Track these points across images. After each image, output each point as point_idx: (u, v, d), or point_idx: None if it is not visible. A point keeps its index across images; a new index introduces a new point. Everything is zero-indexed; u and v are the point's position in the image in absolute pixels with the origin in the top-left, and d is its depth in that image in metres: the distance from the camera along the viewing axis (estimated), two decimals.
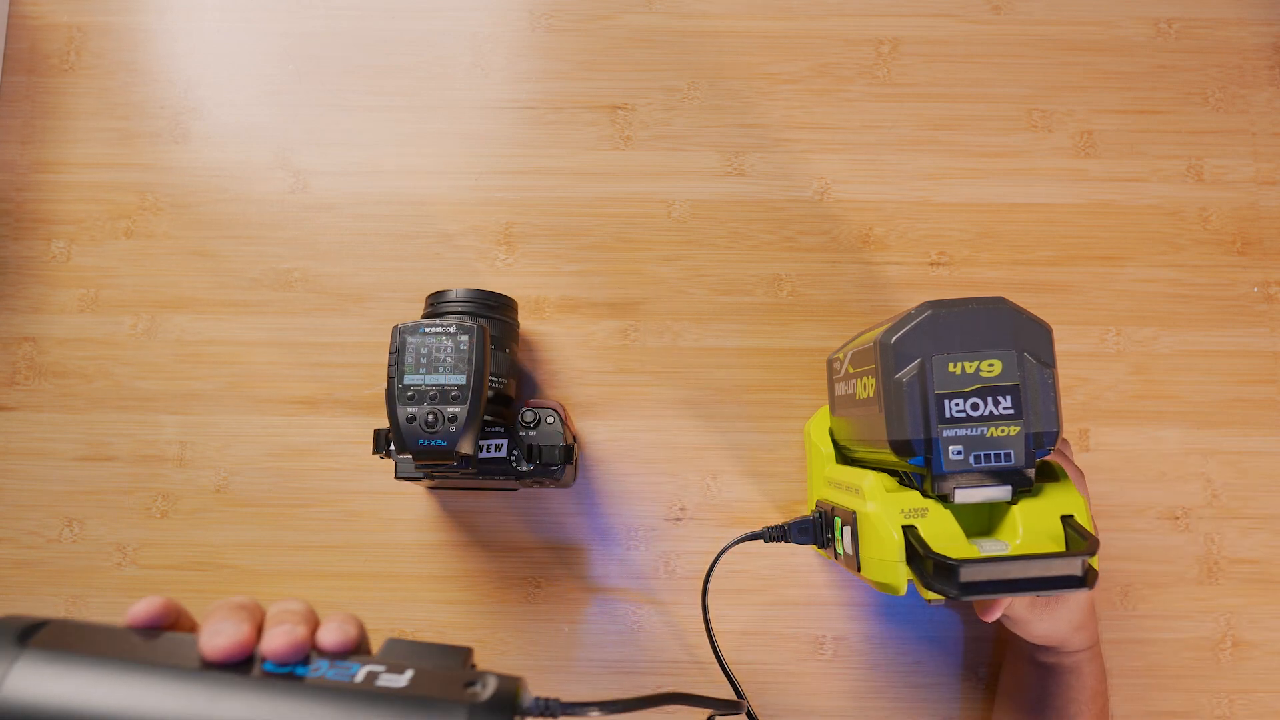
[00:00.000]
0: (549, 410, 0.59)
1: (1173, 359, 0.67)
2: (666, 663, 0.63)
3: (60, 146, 0.70)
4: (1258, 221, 0.69)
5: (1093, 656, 0.56)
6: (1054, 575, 0.44)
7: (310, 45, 0.71)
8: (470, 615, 0.64)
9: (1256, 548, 0.65)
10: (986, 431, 0.45)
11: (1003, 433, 0.45)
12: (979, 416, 0.45)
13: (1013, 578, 0.44)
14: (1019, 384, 0.45)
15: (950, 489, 0.46)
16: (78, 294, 0.68)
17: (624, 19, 0.72)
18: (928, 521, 0.47)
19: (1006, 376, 0.45)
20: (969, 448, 0.45)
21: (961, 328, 0.46)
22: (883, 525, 0.47)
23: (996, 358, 0.45)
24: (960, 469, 0.45)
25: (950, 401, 0.45)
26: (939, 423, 0.45)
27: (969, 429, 0.45)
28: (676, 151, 0.70)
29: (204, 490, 0.66)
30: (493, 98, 0.71)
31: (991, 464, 0.45)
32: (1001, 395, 0.45)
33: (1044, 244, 0.69)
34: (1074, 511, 0.46)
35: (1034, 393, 0.45)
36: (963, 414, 0.45)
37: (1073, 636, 0.55)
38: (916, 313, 0.46)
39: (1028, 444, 0.45)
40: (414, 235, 0.69)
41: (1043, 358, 0.46)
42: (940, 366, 0.45)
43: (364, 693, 0.28)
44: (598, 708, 0.31)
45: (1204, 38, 0.71)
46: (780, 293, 0.68)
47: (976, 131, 0.70)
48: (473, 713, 0.28)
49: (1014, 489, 0.46)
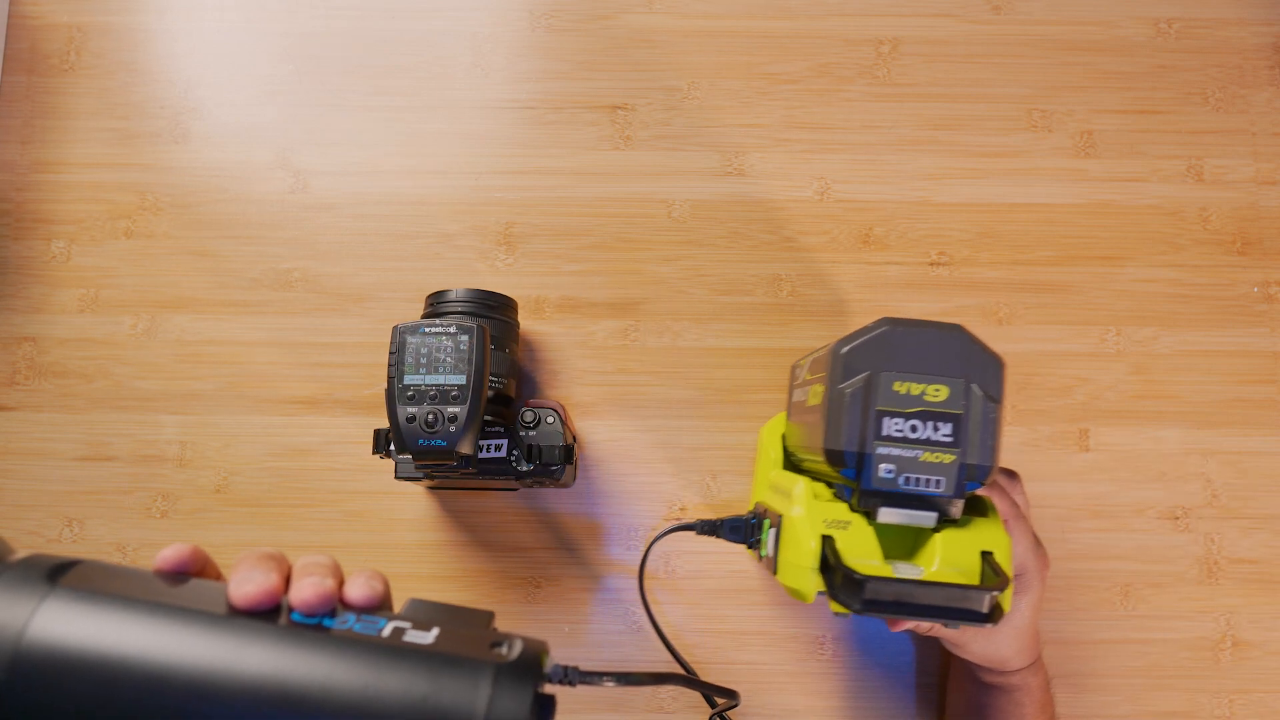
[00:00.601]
0: (549, 410, 0.59)
1: (1173, 359, 0.67)
2: (667, 662, 0.63)
3: (60, 146, 0.70)
4: (1258, 221, 0.69)
5: (1036, 671, 0.56)
6: (958, 607, 0.44)
7: (310, 45, 0.71)
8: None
9: (1256, 548, 0.65)
10: (921, 455, 0.45)
11: (937, 459, 0.45)
12: (916, 439, 0.45)
13: (917, 602, 0.44)
14: (962, 413, 0.45)
15: (875, 506, 0.46)
16: (78, 294, 0.68)
17: (624, 19, 0.72)
18: (848, 535, 0.46)
19: (951, 404, 0.45)
20: (900, 468, 0.45)
21: (914, 349, 0.45)
22: (803, 531, 0.47)
23: (944, 384, 0.45)
24: (887, 488, 0.44)
25: (890, 419, 0.45)
26: (875, 439, 0.45)
27: (904, 450, 0.44)
28: (676, 151, 0.70)
29: (204, 490, 0.66)
30: (493, 98, 0.71)
31: (919, 488, 0.45)
32: (942, 422, 0.45)
33: (1044, 244, 0.69)
34: (994, 549, 0.46)
35: (975, 425, 0.45)
36: (900, 434, 0.45)
37: (1014, 657, 0.54)
38: (873, 327, 0.46)
39: (960, 474, 0.44)
40: (414, 235, 0.69)
41: (991, 391, 0.45)
42: (886, 383, 0.45)
43: (391, 648, 0.28)
44: (613, 678, 0.31)
45: (1204, 38, 0.71)
46: (780, 293, 0.68)
47: (976, 131, 0.70)
48: (500, 672, 0.28)
49: (939, 517, 0.46)
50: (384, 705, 0.27)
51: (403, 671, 0.27)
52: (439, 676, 0.27)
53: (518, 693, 0.27)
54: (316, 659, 0.27)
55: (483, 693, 0.27)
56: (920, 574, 0.46)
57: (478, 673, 0.27)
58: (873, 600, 0.43)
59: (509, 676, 0.28)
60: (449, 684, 0.27)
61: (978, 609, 0.44)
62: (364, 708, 0.27)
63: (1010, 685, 0.55)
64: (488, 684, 0.27)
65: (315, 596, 0.29)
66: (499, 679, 0.27)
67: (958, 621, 0.44)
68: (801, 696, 0.63)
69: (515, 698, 0.27)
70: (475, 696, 0.27)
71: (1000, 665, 0.55)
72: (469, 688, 0.27)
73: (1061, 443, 0.66)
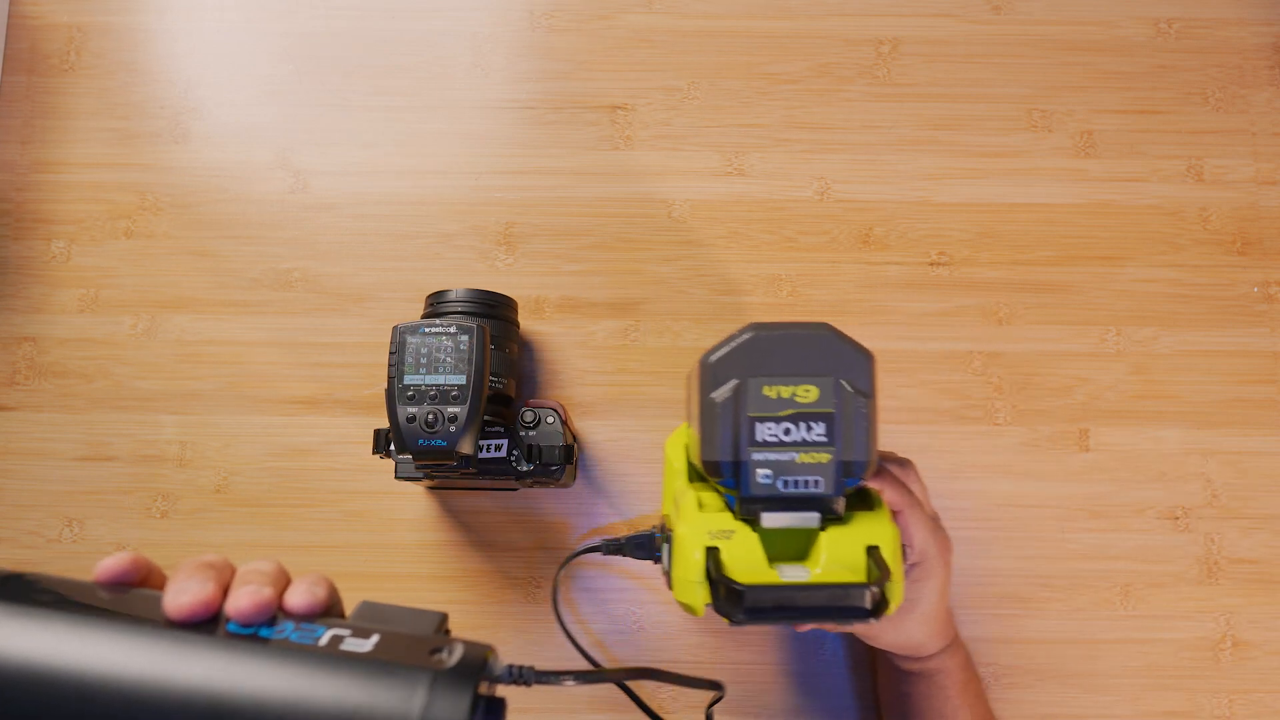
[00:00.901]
0: (549, 410, 0.59)
1: (1173, 359, 0.67)
2: (667, 663, 0.63)
3: (60, 146, 0.70)
4: (1258, 221, 0.69)
5: (953, 653, 0.56)
6: (840, 606, 0.44)
7: (310, 45, 0.71)
8: (470, 615, 0.64)
9: (1256, 548, 0.65)
10: (797, 457, 0.45)
11: (813, 459, 0.45)
12: (790, 442, 0.45)
13: (799, 605, 0.44)
14: (834, 411, 0.45)
15: (757, 512, 0.46)
16: (78, 294, 0.68)
17: (624, 19, 0.72)
18: (732, 544, 0.46)
19: (821, 403, 0.45)
20: (778, 472, 0.45)
21: (781, 351, 0.45)
22: (686, 545, 0.47)
23: (813, 384, 0.45)
24: (767, 493, 0.44)
25: (762, 425, 0.45)
26: (749, 445, 0.45)
27: (779, 454, 0.44)
28: (676, 151, 0.70)
29: (204, 490, 0.66)
30: (493, 98, 0.71)
31: (799, 490, 0.45)
32: (815, 422, 0.45)
33: (1044, 244, 0.69)
34: (881, 542, 0.46)
35: (848, 421, 0.45)
36: (774, 438, 0.45)
37: (927, 642, 0.54)
38: (739, 334, 0.46)
39: (838, 472, 0.44)
40: (414, 235, 0.69)
41: (861, 387, 0.45)
42: (755, 389, 0.45)
43: (326, 656, 0.28)
44: (573, 676, 0.30)
45: (1204, 38, 0.71)
46: (780, 293, 0.68)
47: (976, 131, 0.70)
48: (436, 680, 0.27)
49: (822, 516, 0.46)
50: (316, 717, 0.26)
51: (337, 681, 0.27)
52: (373, 685, 0.27)
53: (454, 700, 0.27)
54: (248, 670, 0.27)
55: (417, 701, 0.27)
56: (807, 576, 0.46)
57: (413, 680, 0.27)
58: (754, 609, 0.43)
59: (446, 683, 0.27)
60: (383, 693, 0.27)
61: (860, 605, 0.44)
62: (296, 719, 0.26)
63: (928, 670, 0.56)
64: (423, 692, 0.27)
65: (251, 606, 0.29)
66: (435, 686, 0.27)
67: (842, 620, 0.44)
68: (801, 696, 0.63)
69: (452, 705, 0.27)
70: (410, 705, 0.27)
71: (915, 651, 0.55)
72: (404, 696, 0.27)
73: (1061, 443, 0.66)
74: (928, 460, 0.66)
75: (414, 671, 0.27)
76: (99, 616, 0.28)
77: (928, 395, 0.67)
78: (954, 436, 0.66)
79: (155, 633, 0.28)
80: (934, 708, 0.56)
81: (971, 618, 0.64)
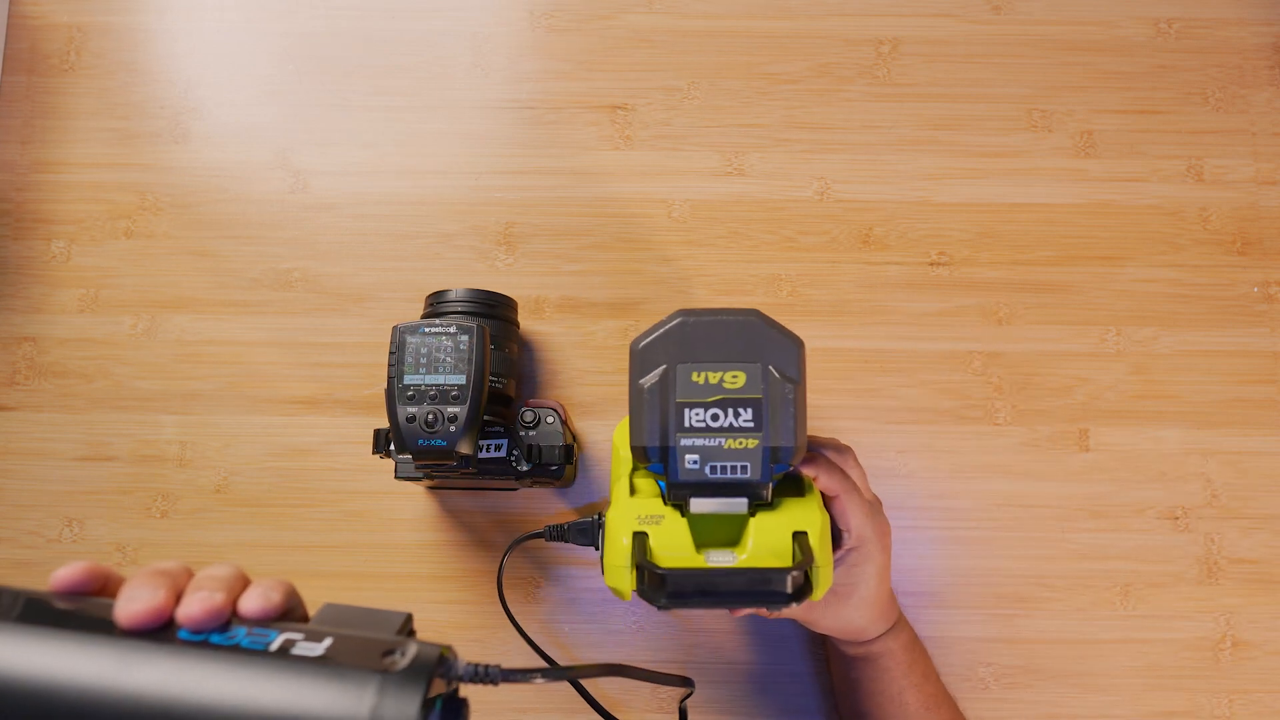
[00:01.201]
0: (549, 410, 0.59)
1: (1173, 359, 0.67)
2: (667, 662, 0.63)
3: (60, 146, 0.70)
4: (1258, 221, 0.69)
5: (896, 635, 0.56)
6: (762, 590, 0.44)
7: (310, 45, 0.71)
8: (470, 615, 0.64)
9: (1256, 548, 0.65)
10: (724, 443, 0.45)
11: (740, 445, 0.45)
12: (718, 428, 0.45)
13: (721, 590, 0.44)
14: (761, 397, 0.45)
15: (685, 497, 0.46)
16: (78, 294, 0.68)
17: (624, 19, 0.72)
18: (660, 529, 0.46)
19: (749, 389, 0.45)
20: (705, 458, 0.45)
21: (709, 338, 0.46)
22: (614, 530, 0.47)
23: (740, 369, 0.45)
24: (695, 479, 0.44)
25: (691, 410, 0.45)
26: (678, 431, 0.45)
27: (707, 439, 0.44)
28: (676, 151, 0.70)
29: (204, 490, 0.66)
30: (493, 98, 0.71)
31: (726, 475, 0.45)
32: (742, 408, 0.45)
33: (1044, 244, 0.69)
34: (808, 528, 0.46)
35: (776, 407, 0.45)
36: (702, 424, 0.45)
37: (868, 626, 0.55)
38: (667, 320, 0.46)
39: (765, 458, 0.44)
40: (414, 235, 0.69)
41: (789, 373, 0.45)
42: (684, 375, 0.45)
43: (276, 661, 0.27)
44: (541, 674, 0.30)
45: (1204, 38, 0.71)
46: (780, 293, 0.68)
47: (976, 131, 0.70)
48: (385, 682, 0.27)
49: (750, 502, 0.46)
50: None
51: (285, 686, 0.27)
52: (321, 690, 0.27)
53: (403, 701, 0.26)
54: (196, 677, 0.27)
55: (366, 704, 0.26)
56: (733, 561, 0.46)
57: (362, 683, 0.27)
58: (676, 593, 0.44)
59: (395, 685, 0.27)
60: (332, 697, 0.26)
61: (781, 590, 0.44)
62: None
63: (872, 654, 0.56)
64: (371, 694, 0.26)
65: (201, 613, 0.29)
66: (384, 688, 0.27)
67: (764, 604, 0.44)
68: (801, 696, 0.63)
69: (401, 706, 0.26)
70: (359, 708, 0.26)
71: (857, 635, 0.55)
72: (353, 700, 0.26)
73: (1061, 443, 0.66)
74: (928, 460, 0.66)
75: (363, 674, 0.27)
76: (49, 625, 0.28)
77: (928, 395, 0.67)
78: (954, 436, 0.66)
79: (105, 641, 0.28)
80: (880, 690, 0.56)
81: (971, 618, 0.64)
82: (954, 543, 0.65)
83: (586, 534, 0.55)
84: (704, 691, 0.63)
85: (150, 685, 0.27)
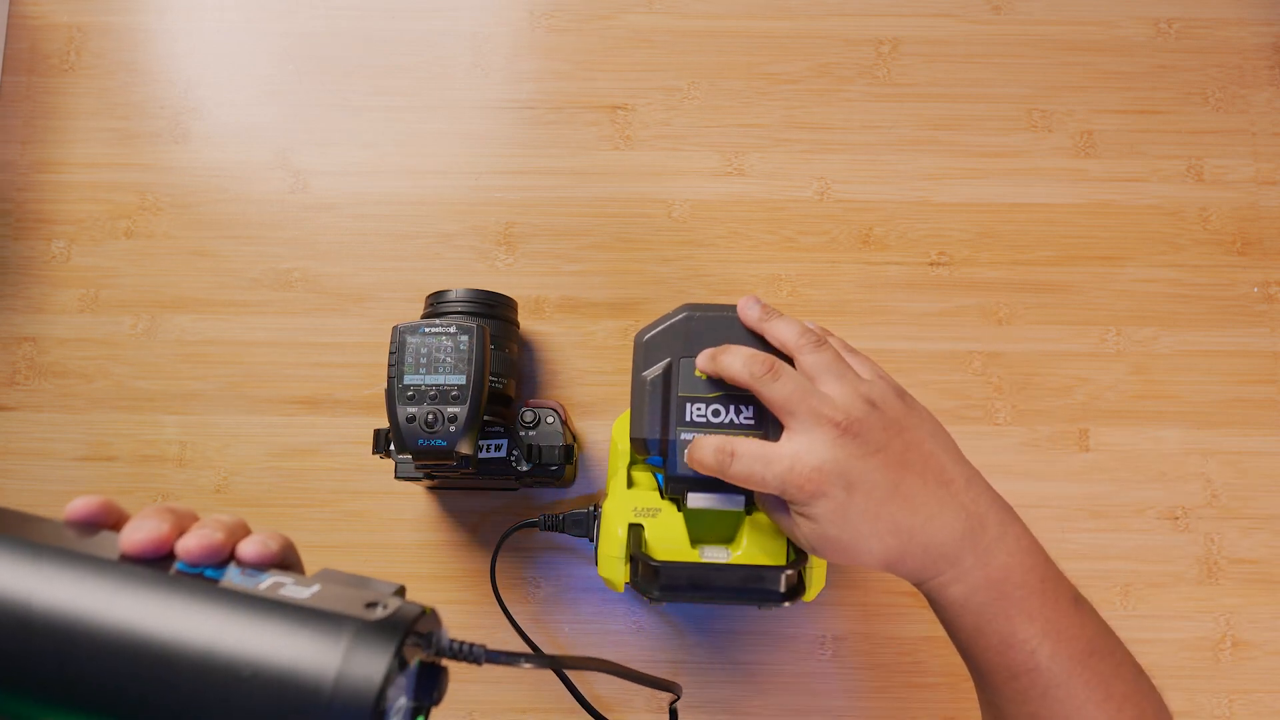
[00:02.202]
0: (549, 410, 0.59)
1: (1173, 359, 0.67)
2: (667, 663, 0.63)
3: (60, 146, 0.70)
4: (1258, 221, 0.69)
5: (962, 576, 0.41)
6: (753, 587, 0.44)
7: (310, 45, 0.71)
8: (470, 615, 0.64)
9: (1256, 548, 0.65)
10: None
11: None
12: (719, 423, 0.45)
13: (714, 585, 0.44)
14: None
15: (683, 492, 0.46)
16: (78, 294, 0.68)
17: (624, 19, 0.72)
18: (656, 523, 0.47)
19: None
20: None
21: (714, 333, 0.46)
22: (610, 521, 0.47)
23: None
24: (693, 473, 0.44)
25: (692, 405, 0.45)
26: (678, 425, 0.45)
27: (707, 434, 0.45)
28: (676, 151, 0.70)
29: (204, 490, 0.66)
30: (493, 98, 0.71)
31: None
32: (744, 404, 0.45)
33: (1044, 244, 0.69)
34: None
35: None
36: (703, 419, 0.45)
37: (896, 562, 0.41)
38: (673, 314, 0.47)
39: None
40: (414, 235, 0.69)
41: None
42: (687, 369, 0.46)
43: (261, 599, 0.28)
44: (526, 659, 0.30)
45: (1204, 38, 0.71)
46: (780, 293, 0.68)
47: (976, 131, 0.70)
48: (361, 630, 0.27)
49: (747, 499, 0.46)
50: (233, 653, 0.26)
51: (264, 622, 0.27)
52: (299, 630, 0.27)
53: (378, 648, 0.26)
54: (180, 603, 0.28)
55: (340, 646, 0.26)
56: (727, 557, 0.46)
57: (338, 628, 0.27)
58: (669, 586, 0.44)
59: (372, 632, 0.27)
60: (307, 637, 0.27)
61: (774, 589, 0.44)
62: (212, 655, 0.26)
63: (935, 602, 0.43)
64: (348, 638, 0.26)
65: (198, 547, 0.30)
66: (360, 634, 0.27)
67: (756, 602, 0.45)
68: (801, 696, 0.63)
69: (374, 655, 0.26)
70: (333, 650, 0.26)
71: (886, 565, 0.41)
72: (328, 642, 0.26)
73: (1061, 443, 0.66)
74: None
75: (341, 620, 0.27)
76: (52, 547, 0.29)
77: (928, 395, 0.67)
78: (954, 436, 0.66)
79: (101, 564, 0.29)
80: (960, 643, 0.43)
81: None
82: None
83: (582, 525, 0.56)
84: (703, 692, 0.63)
85: (138, 608, 0.27)
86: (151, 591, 0.28)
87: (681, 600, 0.45)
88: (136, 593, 0.28)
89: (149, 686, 0.26)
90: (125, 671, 0.27)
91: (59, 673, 0.27)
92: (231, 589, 0.28)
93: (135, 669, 0.27)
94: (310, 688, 0.26)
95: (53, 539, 0.30)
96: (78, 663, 0.27)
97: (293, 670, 0.26)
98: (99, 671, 0.27)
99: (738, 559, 0.46)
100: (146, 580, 0.28)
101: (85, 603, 0.27)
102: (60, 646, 0.27)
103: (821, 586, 0.46)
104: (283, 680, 0.26)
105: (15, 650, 0.27)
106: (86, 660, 0.27)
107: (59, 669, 0.27)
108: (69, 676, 0.27)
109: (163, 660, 0.27)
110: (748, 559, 0.46)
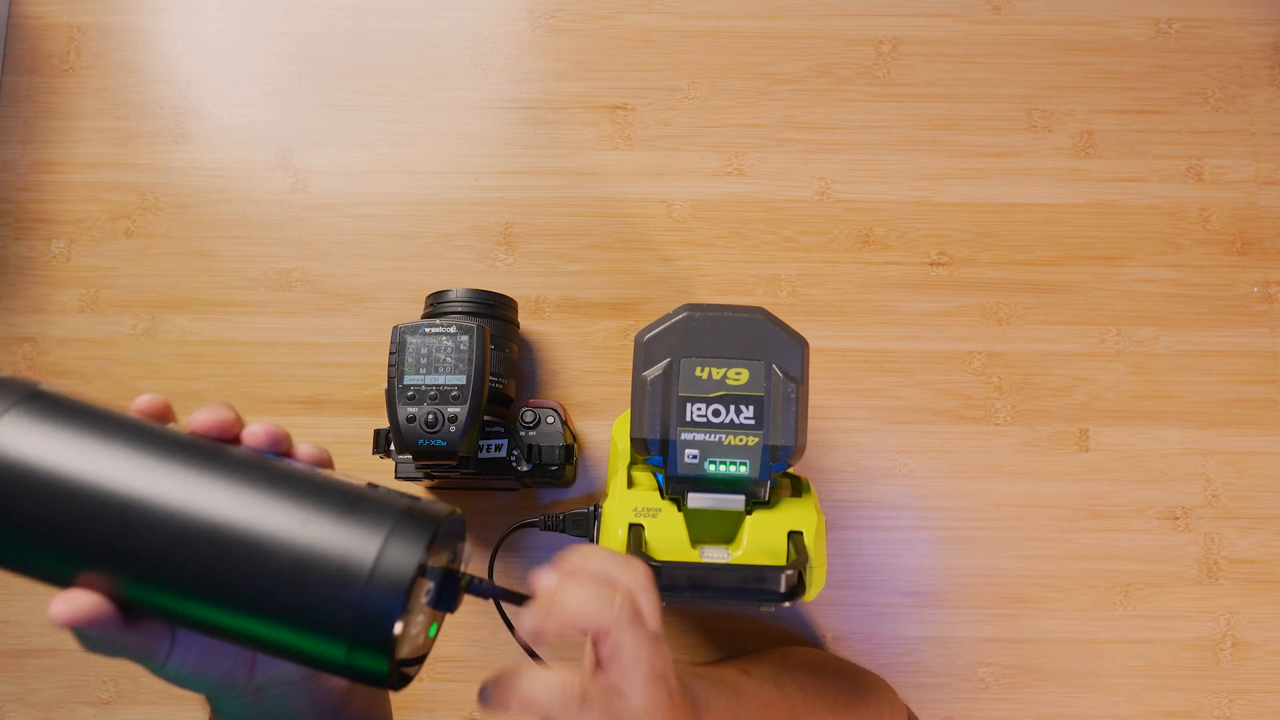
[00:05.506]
0: (549, 410, 0.59)
1: (1173, 359, 0.67)
2: None
3: (60, 146, 0.70)
4: (1258, 221, 0.69)
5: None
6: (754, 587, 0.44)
7: (310, 45, 0.71)
8: (470, 615, 0.64)
9: (1256, 548, 0.65)
10: (725, 439, 0.45)
11: (741, 442, 0.45)
12: (719, 423, 0.45)
13: (714, 585, 0.44)
14: (763, 395, 0.45)
15: (683, 492, 0.46)
16: (78, 294, 0.68)
17: (624, 19, 0.72)
18: (657, 522, 0.47)
19: (752, 386, 0.45)
20: (705, 453, 0.45)
21: (715, 333, 0.46)
22: (610, 521, 0.47)
23: (744, 367, 0.46)
24: (693, 473, 0.45)
25: (693, 405, 0.45)
26: (679, 425, 0.45)
27: (708, 434, 0.45)
28: (676, 151, 0.70)
29: None
30: (493, 98, 0.71)
31: (725, 471, 0.45)
32: (744, 405, 0.45)
33: (1044, 244, 0.69)
34: (803, 528, 0.46)
35: (778, 406, 0.45)
36: (703, 419, 0.45)
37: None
38: (674, 314, 0.47)
39: (764, 456, 0.45)
40: (414, 235, 0.69)
41: (792, 373, 0.46)
42: (688, 369, 0.46)
43: (316, 481, 0.31)
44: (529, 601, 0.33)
45: (1204, 38, 0.71)
46: (780, 293, 0.68)
47: (976, 131, 0.70)
48: (400, 518, 0.30)
49: (747, 499, 0.46)
50: (292, 516, 0.30)
51: (315, 499, 0.30)
52: (353, 505, 0.30)
53: (420, 526, 0.30)
54: (242, 474, 0.30)
55: (388, 520, 0.30)
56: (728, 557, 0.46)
57: (382, 514, 0.30)
58: (669, 586, 0.44)
59: (407, 524, 0.30)
60: (363, 510, 0.30)
61: (774, 589, 0.44)
62: (277, 515, 0.30)
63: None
64: (396, 515, 0.30)
65: (264, 431, 0.32)
66: (410, 511, 0.30)
67: (757, 602, 0.44)
68: None
69: (418, 528, 0.30)
70: (381, 520, 0.30)
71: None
72: (378, 518, 0.30)
73: (1061, 443, 0.66)
74: (928, 460, 0.66)
75: (385, 508, 0.30)
76: (128, 423, 0.31)
77: (928, 395, 0.67)
78: (954, 436, 0.66)
79: (171, 435, 0.31)
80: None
81: (971, 618, 0.64)
82: (954, 543, 0.65)
83: (582, 525, 0.56)
84: None
85: (186, 477, 0.30)
86: (222, 462, 0.30)
87: (682, 600, 0.45)
88: (208, 462, 0.30)
89: (211, 542, 0.29)
90: (192, 523, 0.29)
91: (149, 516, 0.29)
92: (295, 468, 0.31)
93: (202, 523, 0.29)
94: (363, 545, 0.29)
95: (125, 420, 0.32)
96: (165, 506, 0.30)
97: (347, 535, 0.29)
98: (175, 515, 0.29)
99: (738, 559, 0.46)
100: (216, 451, 0.31)
101: (170, 465, 0.30)
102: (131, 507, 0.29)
103: (821, 586, 0.46)
104: (345, 536, 0.29)
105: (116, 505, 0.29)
106: (170, 505, 0.30)
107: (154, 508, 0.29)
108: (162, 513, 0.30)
109: (215, 530, 0.29)
110: (748, 559, 0.46)
